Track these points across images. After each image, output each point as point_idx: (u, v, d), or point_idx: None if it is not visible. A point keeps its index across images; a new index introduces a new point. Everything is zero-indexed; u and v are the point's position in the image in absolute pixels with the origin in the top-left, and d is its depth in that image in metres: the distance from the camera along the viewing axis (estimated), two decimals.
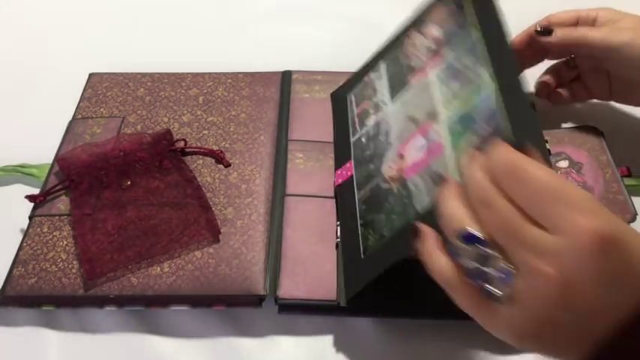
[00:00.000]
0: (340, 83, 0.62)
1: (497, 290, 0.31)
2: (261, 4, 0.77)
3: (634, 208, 0.51)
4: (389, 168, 0.47)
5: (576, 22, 0.55)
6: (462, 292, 0.33)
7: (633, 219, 0.50)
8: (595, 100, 0.60)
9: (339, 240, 0.48)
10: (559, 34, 0.54)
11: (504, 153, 0.32)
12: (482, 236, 0.31)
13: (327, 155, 0.55)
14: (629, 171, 0.54)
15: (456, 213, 0.33)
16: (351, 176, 0.51)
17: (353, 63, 0.66)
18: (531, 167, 0.30)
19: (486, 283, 0.31)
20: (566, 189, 0.30)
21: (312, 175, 0.54)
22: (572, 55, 0.57)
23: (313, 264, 0.47)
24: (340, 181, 0.52)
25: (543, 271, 0.29)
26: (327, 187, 0.53)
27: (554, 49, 0.57)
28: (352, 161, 0.52)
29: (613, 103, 0.60)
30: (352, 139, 0.53)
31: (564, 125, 0.59)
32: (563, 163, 0.55)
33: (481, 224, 0.32)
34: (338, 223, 0.50)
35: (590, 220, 0.28)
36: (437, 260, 0.34)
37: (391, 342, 0.46)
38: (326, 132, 0.57)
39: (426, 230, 0.36)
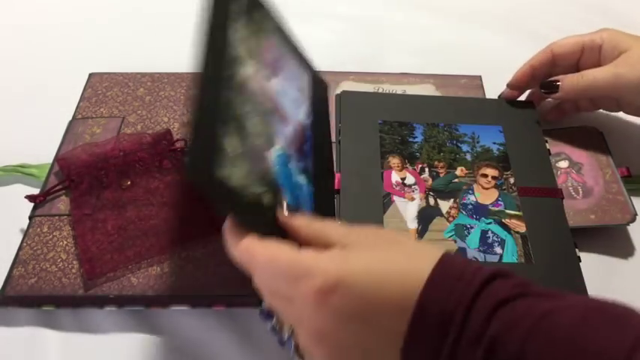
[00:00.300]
0: (340, 83, 0.62)
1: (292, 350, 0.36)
2: None
3: (634, 208, 0.51)
4: None
5: (581, 51, 0.54)
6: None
7: (633, 219, 0.50)
8: None
9: None
10: (566, 88, 0.53)
11: (235, 242, 0.35)
12: (267, 310, 0.37)
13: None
14: (629, 171, 0.54)
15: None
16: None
17: (353, 63, 0.66)
18: (256, 250, 0.34)
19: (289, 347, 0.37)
20: (281, 264, 0.33)
21: None
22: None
23: None
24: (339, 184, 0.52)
25: (300, 333, 0.33)
26: None
27: (565, 101, 0.56)
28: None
29: None
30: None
31: (564, 125, 0.59)
32: (563, 164, 0.55)
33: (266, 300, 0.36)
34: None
35: (304, 283, 0.31)
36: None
37: None
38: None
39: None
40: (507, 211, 0.50)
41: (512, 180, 0.52)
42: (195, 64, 0.38)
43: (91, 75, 0.63)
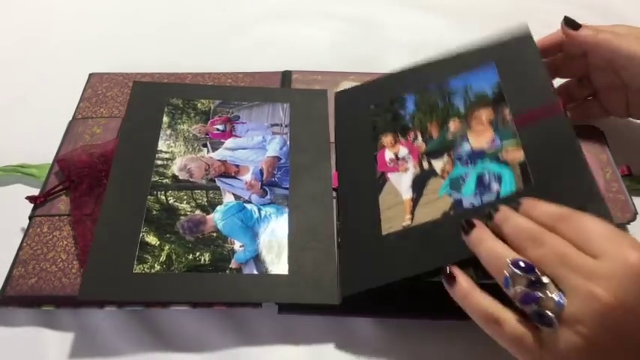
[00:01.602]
0: (340, 83, 0.62)
1: (550, 313, 0.33)
2: (261, 4, 0.77)
3: (634, 207, 0.50)
4: None
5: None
6: (507, 325, 0.35)
7: (633, 218, 0.50)
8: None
9: (339, 240, 0.48)
10: (585, 32, 0.52)
11: (549, 206, 0.38)
12: (532, 264, 0.34)
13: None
14: (629, 170, 0.53)
15: (499, 250, 0.36)
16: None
17: (353, 63, 0.66)
18: (580, 214, 0.36)
19: (538, 307, 0.33)
20: (614, 229, 0.34)
21: None
22: (588, 76, 0.56)
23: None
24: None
25: (596, 293, 0.32)
26: None
27: (573, 46, 0.54)
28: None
29: None
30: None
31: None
32: None
33: (526, 257, 0.35)
34: (338, 222, 0.50)
35: (636, 251, 0.32)
36: (475, 299, 0.37)
37: (391, 342, 0.46)
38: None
39: (458, 272, 0.39)
40: (504, 145, 0.48)
41: (507, 112, 0.49)
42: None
43: (91, 75, 0.63)
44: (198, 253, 0.47)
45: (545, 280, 0.34)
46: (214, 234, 0.48)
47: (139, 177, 0.51)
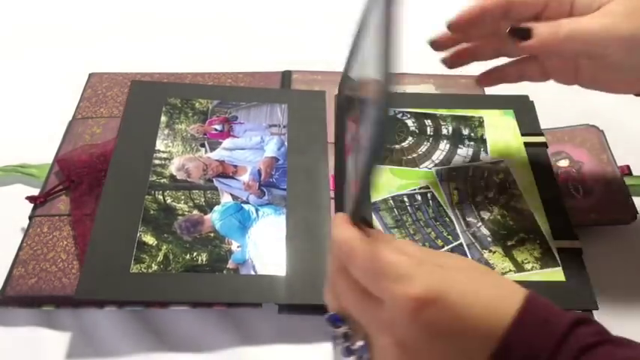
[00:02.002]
0: None
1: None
2: (261, 4, 0.77)
3: (634, 207, 0.50)
4: None
5: (544, 8, 0.43)
6: None
7: (634, 218, 0.50)
8: (591, 95, 0.58)
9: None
10: (543, 35, 0.42)
11: (340, 232, 0.34)
12: (341, 316, 0.35)
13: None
14: (629, 169, 0.54)
15: (327, 299, 0.37)
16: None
17: None
18: (357, 245, 0.33)
19: (356, 357, 0.34)
20: (384, 262, 0.31)
21: None
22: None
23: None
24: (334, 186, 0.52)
25: (382, 341, 0.32)
26: None
27: (536, 53, 0.46)
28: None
29: (616, 99, 0.59)
30: None
31: (564, 124, 0.59)
32: (564, 162, 0.55)
33: (342, 304, 0.35)
34: None
35: (409, 287, 0.30)
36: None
37: None
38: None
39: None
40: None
41: None
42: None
43: (91, 75, 0.63)
44: (195, 253, 0.47)
45: (347, 330, 0.35)
46: (212, 234, 0.48)
47: (137, 176, 0.51)
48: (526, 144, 0.55)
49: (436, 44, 0.49)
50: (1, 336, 0.46)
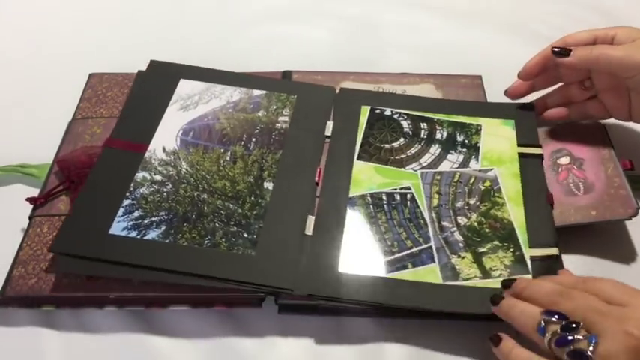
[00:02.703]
0: (340, 83, 0.62)
1: (587, 351, 0.36)
2: (261, 3, 0.77)
3: (636, 202, 0.50)
4: None
5: (594, 43, 0.53)
6: None
7: (635, 213, 0.49)
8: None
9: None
10: (578, 54, 0.52)
11: (564, 277, 0.44)
12: (562, 311, 0.38)
13: None
14: (631, 164, 0.53)
15: (530, 308, 0.40)
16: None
17: (353, 63, 0.66)
18: (596, 279, 0.41)
19: (572, 346, 0.36)
20: (627, 285, 0.39)
21: None
22: (589, 77, 0.55)
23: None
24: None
25: (629, 331, 0.35)
26: None
27: (572, 71, 0.55)
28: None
29: None
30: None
31: (566, 120, 0.58)
32: (564, 160, 0.55)
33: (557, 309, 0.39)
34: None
35: None
36: (519, 354, 0.40)
37: (391, 342, 0.46)
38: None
39: (503, 335, 0.41)
40: None
41: None
42: None
43: (91, 75, 0.63)
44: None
45: (576, 324, 0.37)
46: None
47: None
48: (521, 154, 0.54)
49: (512, 94, 0.58)
50: (1, 336, 0.46)
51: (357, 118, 0.57)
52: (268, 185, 0.52)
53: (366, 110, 0.58)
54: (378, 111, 0.58)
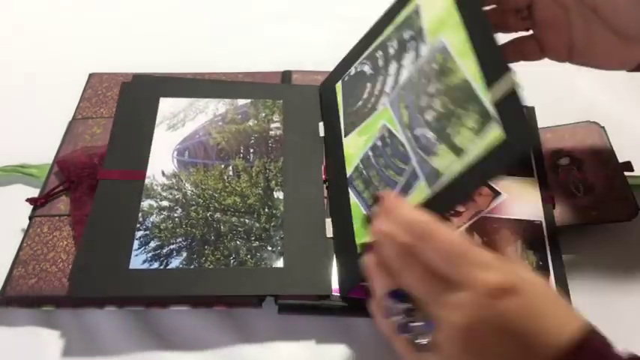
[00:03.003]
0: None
1: (422, 340, 0.34)
2: (261, 4, 0.77)
3: (636, 203, 0.50)
4: None
5: None
6: (399, 344, 0.36)
7: (635, 214, 0.50)
8: (592, 93, 0.58)
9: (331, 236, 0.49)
10: None
11: (411, 212, 0.35)
12: (405, 293, 0.35)
13: None
14: (630, 166, 0.53)
15: (374, 276, 0.37)
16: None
17: None
18: (437, 227, 0.33)
19: (413, 334, 0.34)
20: (467, 247, 0.33)
21: None
22: (529, 6, 0.48)
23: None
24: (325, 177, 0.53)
25: (450, 320, 0.32)
26: None
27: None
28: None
29: (617, 96, 0.59)
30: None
31: (565, 121, 0.58)
32: (564, 161, 0.55)
33: (401, 282, 0.35)
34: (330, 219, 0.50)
35: (488, 274, 0.31)
36: (378, 319, 0.38)
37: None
38: None
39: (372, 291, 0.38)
40: None
41: None
42: None
43: (91, 75, 0.63)
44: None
45: (411, 305, 0.35)
46: None
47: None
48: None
49: None
50: (1, 336, 0.46)
51: (335, 101, 0.56)
52: (279, 195, 0.51)
53: (339, 87, 0.57)
54: (347, 78, 0.57)
